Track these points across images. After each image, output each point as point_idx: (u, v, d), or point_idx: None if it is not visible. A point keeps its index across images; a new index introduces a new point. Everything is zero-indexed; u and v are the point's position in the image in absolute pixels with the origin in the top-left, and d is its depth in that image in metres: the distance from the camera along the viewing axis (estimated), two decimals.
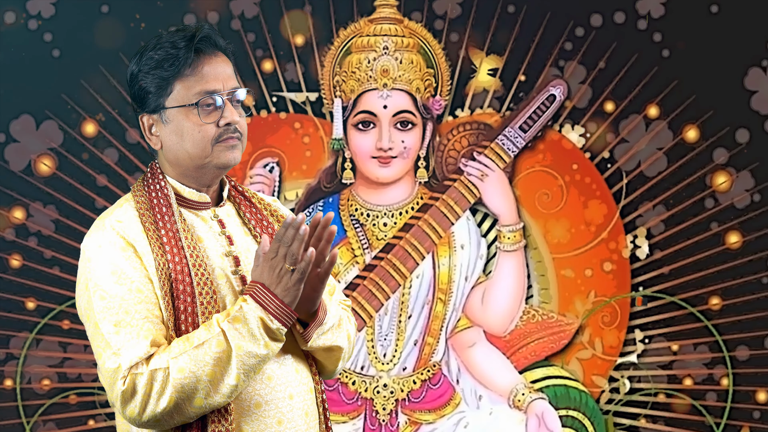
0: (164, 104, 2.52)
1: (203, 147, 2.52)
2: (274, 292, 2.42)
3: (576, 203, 4.59)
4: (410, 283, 4.55)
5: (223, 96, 2.52)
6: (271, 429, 2.48)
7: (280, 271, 2.42)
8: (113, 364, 2.40)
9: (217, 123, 2.52)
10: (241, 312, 2.41)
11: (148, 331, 2.41)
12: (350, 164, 4.56)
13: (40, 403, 4.47)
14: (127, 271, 2.44)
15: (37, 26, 4.46)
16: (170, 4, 4.48)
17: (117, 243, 2.46)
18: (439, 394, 4.57)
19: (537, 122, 4.56)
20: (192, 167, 2.55)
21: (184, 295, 2.44)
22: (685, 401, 4.57)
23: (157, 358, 2.39)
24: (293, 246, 2.41)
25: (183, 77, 2.51)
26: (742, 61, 4.55)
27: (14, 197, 4.47)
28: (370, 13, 4.55)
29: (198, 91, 2.51)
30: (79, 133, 4.48)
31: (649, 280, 4.58)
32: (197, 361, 2.38)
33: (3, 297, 4.46)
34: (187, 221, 2.54)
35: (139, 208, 2.52)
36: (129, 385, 2.38)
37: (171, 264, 2.45)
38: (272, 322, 2.42)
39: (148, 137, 2.57)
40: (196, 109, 2.51)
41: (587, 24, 4.54)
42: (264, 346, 2.42)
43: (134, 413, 2.39)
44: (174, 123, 2.53)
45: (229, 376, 2.39)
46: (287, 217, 2.42)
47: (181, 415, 2.40)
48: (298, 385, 2.53)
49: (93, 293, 2.44)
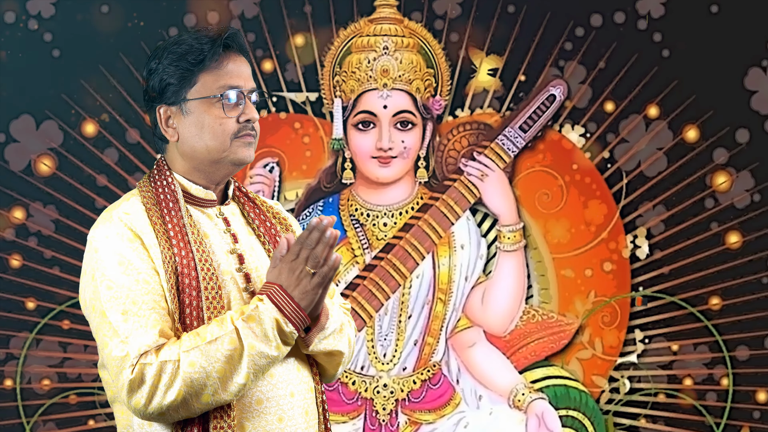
0: (186, 96, 2.54)
1: (222, 140, 2.54)
2: (291, 295, 2.43)
3: (576, 203, 4.59)
4: (410, 283, 4.55)
5: (245, 91, 2.55)
6: (271, 426, 2.49)
7: (300, 273, 2.43)
8: (121, 352, 2.39)
9: (237, 118, 2.54)
10: (257, 312, 2.41)
11: (155, 321, 2.41)
12: (350, 164, 4.56)
13: (40, 403, 4.47)
14: (135, 262, 2.44)
15: (37, 26, 4.46)
16: (170, 4, 4.48)
17: (124, 234, 2.46)
18: (439, 394, 4.57)
19: (537, 122, 4.56)
20: (207, 161, 2.56)
21: (189, 289, 2.45)
22: (685, 401, 4.57)
23: (167, 349, 2.38)
24: (317, 249, 2.42)
25: (208, 70, 2.53)
26: (742, 61, 4.55)
27: (14, 197, 4.46)
28: (370, 13, 4.55)
29: (222, 84, 2.53)
30: (79, 133, 4.48)
31: (649, 280, 4.58)
32: (209, 357, 2.37)
33: (3, 297, 4.46)
34: (193, 217, 2.55)
35: (146, 203, 2.53)
36: (137, 374, 2.37)
37: (177, 258, 2.45)
38: (287, 324, 2.42)
39: (164, 129, 2.57)
40: (220, 102, 2.53)
41: (587, 24, 4.54)
42: (276, 347, 2.42)
43: (140, 404, 2.38)
44: (195, 115, 2.54)
45: (238, 375, 2.39)
46: (312, 220, 2.42)
47: (186, 410, 2.39)
48: (299, 383, 2.53)
49: (100, 283, 2.44)
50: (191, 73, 2.53)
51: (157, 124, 2.58)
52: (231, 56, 2.56)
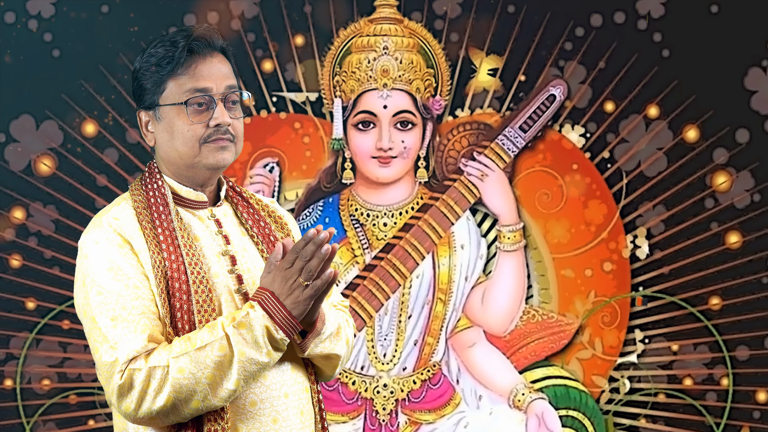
0: (158, 101, 2.53)
1: (191, 146, 2.52)
2: (283, 303, 2.41)
3: (576, 203, 4.59)
4: (410, 283, 4.55)
5: (215, 96, 2.52)
6: (266, 427, 2.48)
7: (293, 283, 2.42)
8: (110, 357, 2.39)
9: (207, 123, 2.52)
10: (248, 318, 2.40)
11: (144, 326, 2.41)
12: (350, 164, 4.56)
13: (40, 403, 4.47)
14: (124, 268, 2.44)
15: (37, 26, 4.46)
16: (170, 4, 4.48)
17: (114, 240, 2.46)
18: (439, 394, 4.57)
19: (537, 122, 4.56)
20: (183, 166, 2.55)
21: (179, 293, 2.44)
22: (685, 401, 4.57)
23: (156, 355, 2.38)
24: (312, 262, 2.40)
25: (176, 76, 2.52)
26: (742, 61, 4.54)
27: (14, 197, 4.47)
28: (370, 13, 4.55)
29: (188, 89, 2.52)
30: (79, 133, 4.48)
31: (649, 280, 4.58)
32: (198, 363, 2.37)
33: (3, 297, 4.46)
34: (184, 220, 2.54)
35: (137, 207, 2.52)
36: (126, 379, 2.37)
37: (167, 262, 2.45)
38: (277, 332, 2.41)
39: (144, 133, 2.59)
40: (186, 108, 2.51)
41: (587, 24, 4.54)
42: (266, 354, 2.41)
43: (129, 408, 2.39)
44: (166, 121, 2.54)
45: (228, 381, 2.39)
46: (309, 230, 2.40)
47: (176, 415, 2.40)
48: (293, 384, 2.53)
49: (90, 289, 2.44)
50: (161, 79, 2.52)
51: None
52: (200, 59, 2.53)
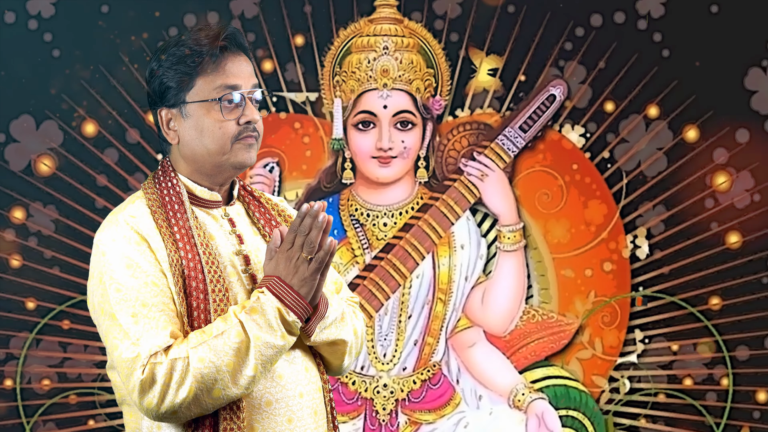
0: (185, 98, 2.52)
1: (223, 144, 2.52)
2: (290, 284, 2.42)
3: (576, 203, 4.59)
4: (410, 283, 4.55)
5: (245, 93, 2.53)
6: (281, 427, 2.48)
7: (296, 261, 2.43)
8: (131, 353, 2.38)
9: (237, 120, 2.53)
10: (259, 303, 2.41)
11: (165, 323, 2.40)
12: (350, 164, 4.56)
13: (40, 403, 4.47)
14: (143, 265, 2.43)
15: (37, 26, 4.46)
16: (170, 4, 4.48)
17: (131, 237, 2.46)
18: (439, 394, 4.57)
19: (537, 122, 4.56)
20: (209, 164, 2.55)
21: (197, 292, 2.44)
22: (685, 401, 4.57)
23: (175, 348, 2.38)
24: (311, 234, 2.41)
25: (206, 73, 2.51)
26: (742, 61, 4.55)
27: (14, 197, 4.46)
28: (370, 13, 4.55)
29: (219, 85, 2.52)
30: (79, 133, 4.48)
31: (649, 280, 4.58)
32: (217, 351, 2.37)
33: (3, 297, 4.46)
34: (199, 219, 2.54)
35: (151, 205, 2.52)
36: (148, 374, 2.37)
37: (184, 260, 2.45)
38: (288, 314, 2.42)
39: (165, 132, 2.57)
40: (218, 105, 2.52)
41: (587, 24, 4.54)
42: (281, 336, 2.42)
43: (152, 404, 2.38)
44: (194, 118, 2.53)
45: (247, 367, 2.39)
46: (302, 206, 2.42)
47: (198, 407, 2.39)
48: (307, 383, 2.53)
49: (108, 286, 2.43)
50: (189, 76, 2.51)
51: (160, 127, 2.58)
52: (230, 56, 2.54)
